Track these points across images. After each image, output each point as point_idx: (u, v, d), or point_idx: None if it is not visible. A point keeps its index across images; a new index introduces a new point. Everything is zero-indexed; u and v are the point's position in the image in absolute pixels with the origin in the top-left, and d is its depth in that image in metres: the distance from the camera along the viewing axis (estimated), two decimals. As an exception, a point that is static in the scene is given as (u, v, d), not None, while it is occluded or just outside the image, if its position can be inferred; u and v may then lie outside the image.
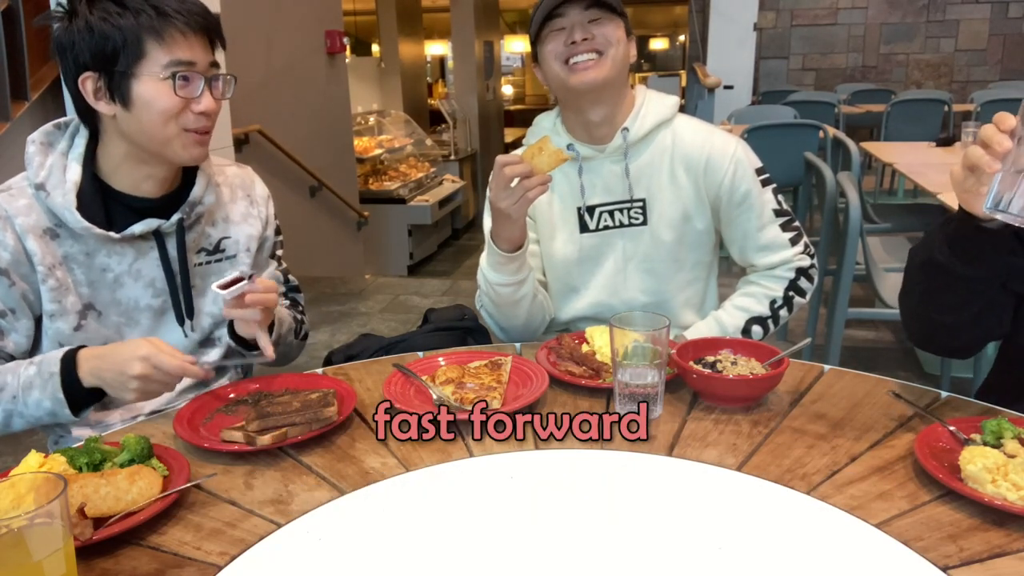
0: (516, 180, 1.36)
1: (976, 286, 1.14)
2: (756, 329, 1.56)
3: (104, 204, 1.28)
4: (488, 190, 1.45)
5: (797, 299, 1.58)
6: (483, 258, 1.56)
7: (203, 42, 1.23)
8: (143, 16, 1.17)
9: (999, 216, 0.96)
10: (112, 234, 1.25)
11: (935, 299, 1.19)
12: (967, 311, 1.17)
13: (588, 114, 1.52)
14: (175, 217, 1.30)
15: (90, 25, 1.17)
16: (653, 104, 1.56)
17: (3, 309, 1.24)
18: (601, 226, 1.58)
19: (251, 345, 1.32)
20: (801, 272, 1.58)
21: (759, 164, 1.57)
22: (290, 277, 1.56)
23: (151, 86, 1.19)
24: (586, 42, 1.44)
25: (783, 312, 1.58)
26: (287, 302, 1.53)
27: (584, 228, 1.59)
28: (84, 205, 1.24)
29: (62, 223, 1.24)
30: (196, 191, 1.33)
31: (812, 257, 1.59)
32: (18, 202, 1.23)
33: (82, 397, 1.18)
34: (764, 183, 1.56)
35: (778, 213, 1.57)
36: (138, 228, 1.27)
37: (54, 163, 1.25)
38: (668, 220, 1.56)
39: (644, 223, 1.57)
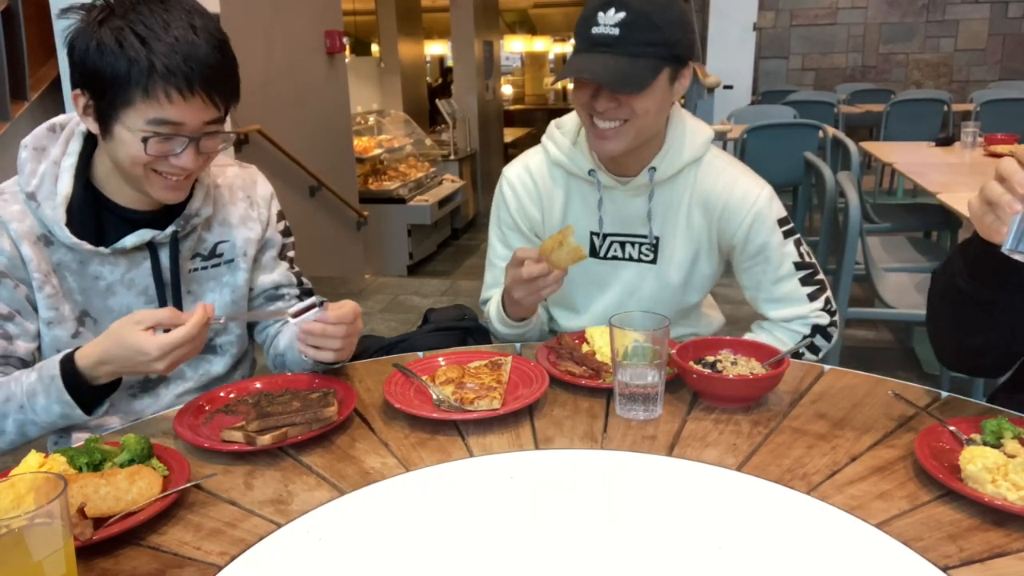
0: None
1: (1002, 308, 1.11)
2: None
3: (96, 214, 1.24)
4: (505, 276, 1.40)
5: (808, 355, 1.51)
6: (492, 306, 1.54)
7: (202, 101, 1.13)
8: (135, 68, 1.08)
9: (1019, 258, 0.93)
10: (102, 250, 1.23)
11: (962, 324, 1.16)
12: (995, 332, 1.14)
13: None
14: (169, 229, 1.27)
15: (88, 50, 1.10)
16: (686, 142, 1.46)
17: (9, 312, 1.21)
18: (610, 255, 1.54)
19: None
20: (818, 330, 1.50)
21: (782, 215, 1.48)
22: (303, 279, 1.51)
23: (128, 134, 1.13)
24: (610, 111, 1.34)
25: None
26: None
27: (593, 253, 1.55)
28: (74, 218, 1.21)
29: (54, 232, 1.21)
30: (193, 204, 1.29)
31: (832, 315, 1.50)
32: (12, 207, 1.20)
33: (91, 395, 1.15)
34: (787, 234, 1.47)
35: (799, 266, 1.48)
36: (129, 242, 1.24)
37: (46, 172, 1.22)
38: (678, 262, 1.51)
39: (654, 261, 1.52)
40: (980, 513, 0.90)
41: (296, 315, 1.19)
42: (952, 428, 1.05)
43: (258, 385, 1.28)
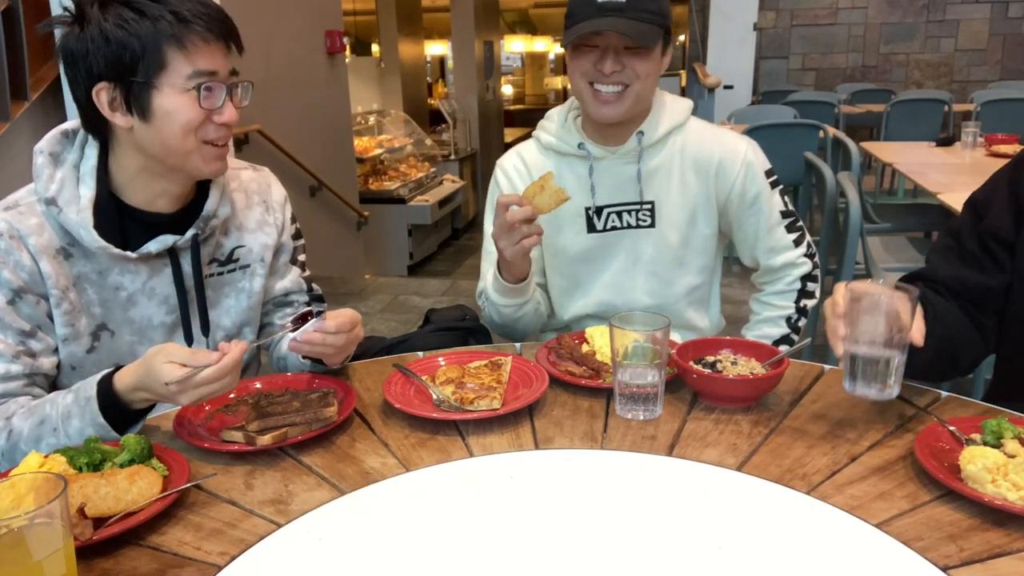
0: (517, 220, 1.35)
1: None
2: (783, 348, 1.56)
3: (119, 219, 1.22)
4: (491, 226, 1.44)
5: (809, 303, 1.62)
6: (489, 279, 1.57)
7: (223, 49, 1.17)
8: (163, 23, 1.10)
9: (857, 395, 1.05)
10: (129, 254, 1.21)
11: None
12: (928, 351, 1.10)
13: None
14: (190, 233, 1.25)
15: (104, 33, 1.09)
16: (668, 108, 1.56)
17: (31, 328, 1.18)
18: (608, 227, 1.58)
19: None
20: (805, 279, 1.62)
21: (768, 166, 1.58)
22: (313, 286, 1.50)
23: (173, 98, 1.13)
24: (615, 74, 1.42)
25: (801, 322, 1.61)
26: None
27: (591, 228, 1.59)
28: (99, 222, 1.19)
29: (75, 242, 1.18)
30: (210, 204, 1.28)
31: (813, 258, 1.63)
32: (29, 220, 1.17)
33: (127, 418, 1.12)
34: (772, 185, 1.58)
35: (784, 215, 1.59)
36: (153, 247, 1.23)
37: (65, 176, 1.19)
38: (675, 223, 1.56)
39: (652, 225, 1.57)
40: (980, 513, 0.90)
41: (295, 329, 1.19)
42: (952, 428, 1.05)
43: (258, 385, 1.28)
